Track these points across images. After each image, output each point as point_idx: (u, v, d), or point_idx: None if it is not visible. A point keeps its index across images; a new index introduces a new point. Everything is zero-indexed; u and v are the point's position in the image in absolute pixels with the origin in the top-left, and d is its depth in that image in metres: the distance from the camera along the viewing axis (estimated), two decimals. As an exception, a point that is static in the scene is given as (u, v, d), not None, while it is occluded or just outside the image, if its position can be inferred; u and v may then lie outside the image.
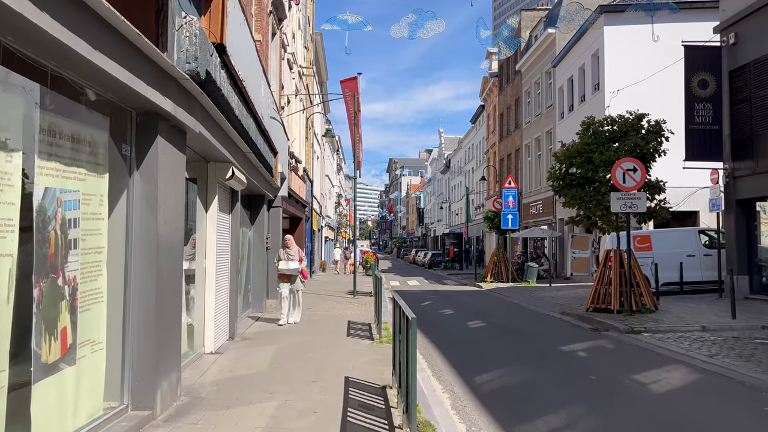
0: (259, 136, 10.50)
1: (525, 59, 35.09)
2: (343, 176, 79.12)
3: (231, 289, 9.69)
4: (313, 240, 32.08)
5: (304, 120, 26.39)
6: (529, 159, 35.22)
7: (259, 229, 13.44)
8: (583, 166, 13.30)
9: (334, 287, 23.02)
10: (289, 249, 11.48)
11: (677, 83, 20.19)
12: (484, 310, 16.20)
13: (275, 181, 13.89)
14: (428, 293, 22.54)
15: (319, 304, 16.10)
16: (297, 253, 11.50)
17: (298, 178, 23.51)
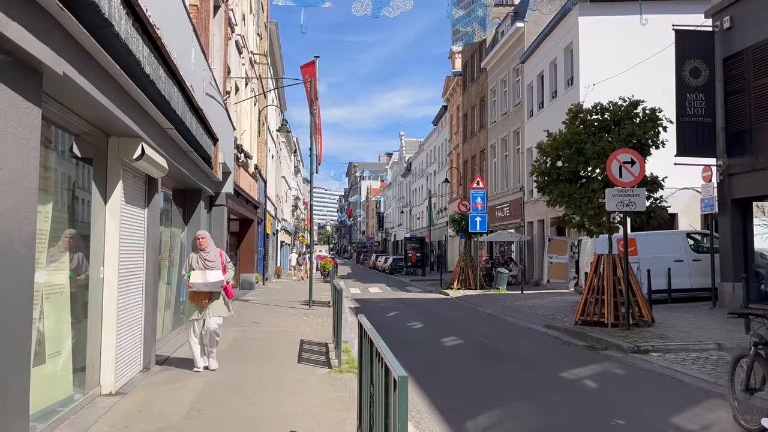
0: (188, 111, 8.38)
1: (491, 56, 33.68)
2: (301, 179, 76.68)
3: (147, 304, 7.54)
4: (266, 244, 29.79)
5: (256, 113, 24.17)
6: (495, 160, 33.77)
7: (194, 230, 11.24)
8: (572, 159, 11.61)
9: (287, 296, 20.86)
10: (205, 252, 7.71)
11: (657, 77, 18.92)
12: (458, 322, 14.35)
13: (215, 173, 11.74)
14: (392, 302, 20.61)
15: (268, 317, 13.97)
16: (218, 257, 7.77)
17: (249, 175, 21.28)
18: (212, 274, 7.65)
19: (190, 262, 7.77)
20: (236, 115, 18.68)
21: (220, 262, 7.81)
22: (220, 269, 7.77)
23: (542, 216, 25.88)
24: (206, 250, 7.74)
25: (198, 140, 9.51)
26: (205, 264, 7.66)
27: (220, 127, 12.40)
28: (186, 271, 7.80)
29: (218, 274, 7.70)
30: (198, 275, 7.63)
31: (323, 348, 9.65)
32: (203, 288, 7.62)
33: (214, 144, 11.66)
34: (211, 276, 7.65)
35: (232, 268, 8.20)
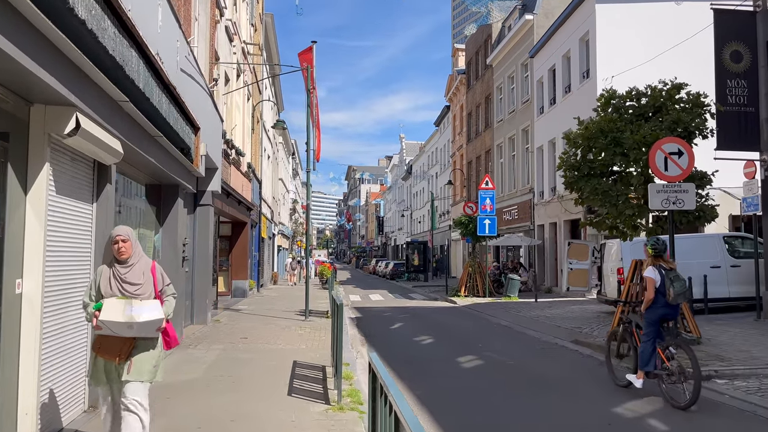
0: (155, 86, 6.83)
1: (497, 52, 32.19)
2: (299, 182, 75.12)
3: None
4: (261, 249, 28.21)
5: (249, 109, 22.63)
6: (501, 160, 32.24)
7: (170, 232, 9.70)
8: (607, 150, 10.06)
9: (282, 304, 19.28)
10: (126, 266, 4.42)
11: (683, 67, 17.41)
12: (471, 336, 12.77)
13: (196, 167, 10.19)
14: (396, 311, 19.02)
15: (259, 331, 12.39)
16: (148, 276, 4.49)
17: (241, 174, 19.72)
18: (143, 308, 4.25)
19: (97, 283, 4.38)
20: (226, 107, 17.15)
21: (152, 286, 4.46)
22: (149, 299, 4.38)
23: (555, 218, 24.33)
24: (129, 262, 4.38)
25: (171, 124, 7.96)
26: (122, 288, 4.31)
27: (203, 116, 10.86)
28: (90, 299, 4.38)
29: (154, 307, 4.33)
30: (114, 307, 4.20)
31: (320, 373, 8.08)
32: (124, 332, 4.22)
33: (194, 133, 10.11)
34: (143, 310, 4.23)
35: (173, 294, 4.72)
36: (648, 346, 7.03)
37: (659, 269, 7.04)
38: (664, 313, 7.03)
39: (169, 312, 4.61)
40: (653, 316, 7.02)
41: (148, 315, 4.27)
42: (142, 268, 4.47)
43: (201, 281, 13.10)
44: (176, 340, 4.74)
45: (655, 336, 7.02)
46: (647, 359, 6.99)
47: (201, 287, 13.09)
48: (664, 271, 7.01)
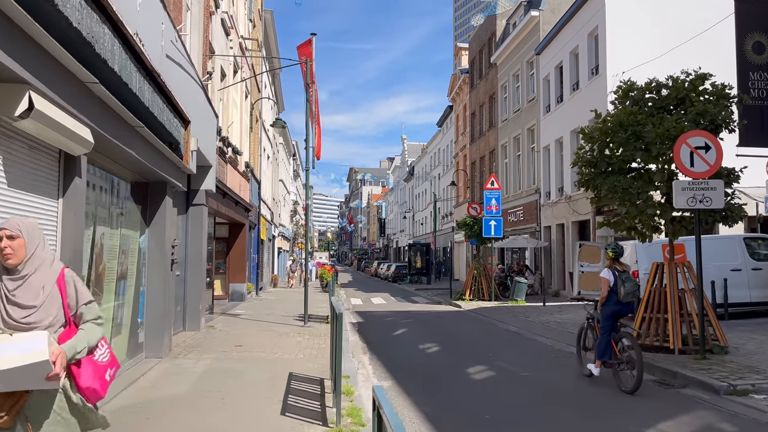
0: (134, 71, 6.17)
1: (501, 50, 31.51)
2: (300, 184, 74.47)
3: (62, 337, 5.25)
4: (261, 251, 27.53)
5: (248, 107, 21.97)
6: (506, 161, 31.54)
7: (157, 232, 9.00)
8: (627, 145, 9.34)
9: (281, 308, 18.58)
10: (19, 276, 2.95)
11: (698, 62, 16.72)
12: (480, 344, 12.06)
13: (186, 164, 9.50)
14: (398, 316, 18.31)
15: (255, 338, 11.69)
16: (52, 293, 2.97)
17: (238, 174, 19.05)
18: (5, 346, 2.71)
19: None
20: (222, 104, 16.49)
21: (59, 308, 2.99)
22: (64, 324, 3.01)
23: (562, 219, 23.61)
24: (20, 271, 2.96)
25: (155, 115, 7.28)
26: (5, 312, 2.89)
27: (194, 109, 10.19)
28: None
29: (28, 344, 2.72)
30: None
31: (318, 387, 7.37)
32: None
33: (184, 127, 9.44)
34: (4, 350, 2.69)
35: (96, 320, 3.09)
36: (604, 338, 7.89)
37: (614, 271, 7.92)
38: (617, 310, 7.87)
39: (93, 342, 3.02)
40: (607, 312, 7.88)
41: (12, 358, 2.65)
42: (41, 281, 2.95)
43: (194, 285, 12.41)
44: (101, 391, 3.07)
45: (609, 330, 7.86)
46: (603, 350, 7.87)
47: (194, 292, 12.40)
48: (617, 273, 7.88)
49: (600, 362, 7.96)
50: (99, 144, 5.96)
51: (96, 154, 6.45)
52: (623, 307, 7.88)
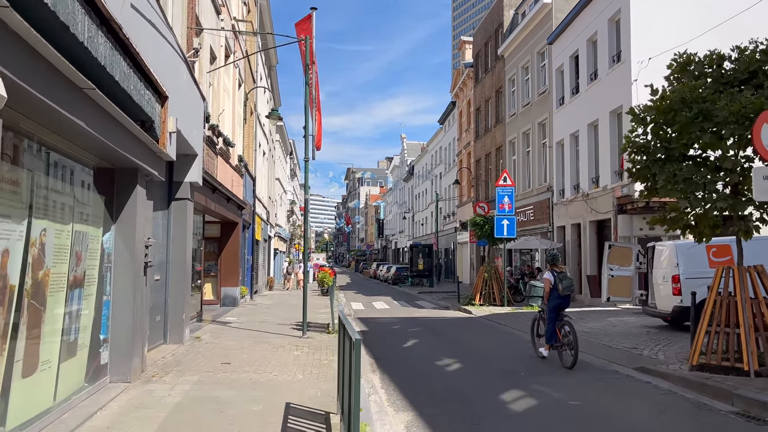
0: (84, 15, 4.61)
1: (509, 41, 29.98)
2: (297, 184, 72.83)
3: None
4: (255, 252, 25.93)
5: (241, 97, 20.39)
6: (514, 157, 30.00)
7: (126, 229, 7.41)
8: (691, 126, 7.78)
9: (277, 314, 16.99)
10: None
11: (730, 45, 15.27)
12: (505, 359, 10.50)
13: (162, 148, 7.92)
14: (405, 323, 16.74)
15: (246, 352, 10.11)
16: None
17: (230, 168, 17.46)
18: None
19: None
20: (212, 89, 14.92)
21: None
22: None
23: (578, 219, 22.07)
24: None
25: (117, 80, 5.72)
26: None
27: (174, 85, 8.62)
28: None
29: None
30: None
31: (322, 426, 5.79)
32: None
33: (160, 103, 7.86)
34: None
35: None
36: (550, 326, 9.79)
37: (553, 273, 9.88)
38: (559, 303, 9.75)
39: None
40: (552, 305, 9.79)
41: None
42: None
43: (176, 291, 10.82)
44: None
45: (554, 319, 9.74)
46: (550, 336, 9.80)
47: (176, 298, 10.81)
48: (556, 274, 9.83)
49: (548, 345, 9.91)
50: (27, 105, 4.38)
51: (29, 122, 4.88)
52: (563, 300, 9.77)
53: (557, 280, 9.73)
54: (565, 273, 9.91)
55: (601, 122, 20.36)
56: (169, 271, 10.75)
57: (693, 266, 12.04)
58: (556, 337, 9.64)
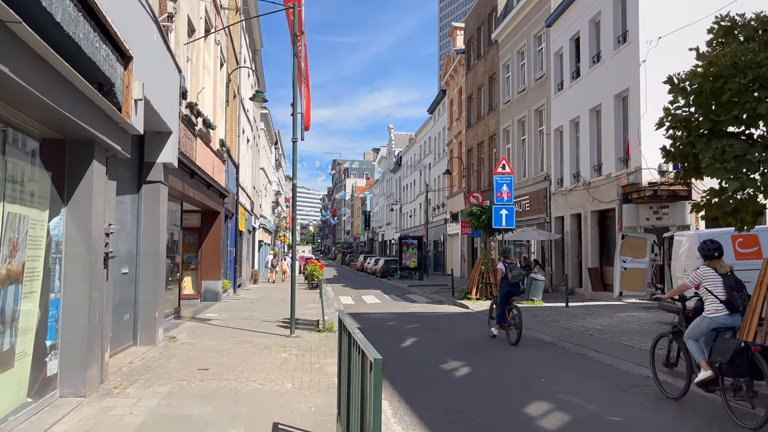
0: None
1: (504, 26, 28.86)
2: (282, 175, 71.32)
3: None
4: (239, 244, 24.65)
5: (223, 77, 19.07)
6: (508, 146, 28.94)
7: (80, 213, 6.18)
8: (744, 95, 6.70)
9: (262, 310, 15.79)
10: None
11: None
12: (519, 362, 9.42)
13: (125, 117, 6.67)
14: (401, 319, 15.63)
15: (227, 354, 8.93)
16: None
17: (211, 152, 16.18)
18: None
19: None
20: (191, 65, 13.64)
21: None
22: None
23: (579, 209, 21.07)
24: None
25: (58, 21, 4.50)
26: None
27: (141, 46, 7.38)
28: None
29: None
30: None
31: (319, 456, 4.65)
32: None
33: (123, 64, 6.61)
34: None
35: None
36: (501, 309, 11.24)
37: (504, 264, 11.43)
38: (509, 290, 11.24)
39: None
40: (503, 292, 11.27)
41: None
42: None
43: (148, 286, 9.59)
44: None
45: (504, 304, 11.15)
46: (501, 317, 11.23)
47: (148, 295, 9.58)
48: (507, 264, 11.38)
49: (498, 326, 11.37)
50: None
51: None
52: (512, 287, 11.29)
53: (508, 270, 11.32)
54: (515, 264, 11.63)
55: (604, 107, 19.33)
56: (139, 264, 9.52)
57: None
58: (506, 318, 11.11)
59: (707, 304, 6.42)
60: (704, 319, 6.38)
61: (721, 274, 6.39)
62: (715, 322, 6.28)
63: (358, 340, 3.47)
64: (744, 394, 5.69)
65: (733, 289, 6.25)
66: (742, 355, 5.71)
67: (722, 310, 6.24)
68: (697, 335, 6.42)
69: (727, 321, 6.24)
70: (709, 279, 6.40)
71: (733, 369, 5.78)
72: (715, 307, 6.28)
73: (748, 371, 5.68)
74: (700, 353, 6.33)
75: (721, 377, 5.99)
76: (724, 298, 6.22)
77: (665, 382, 7.16)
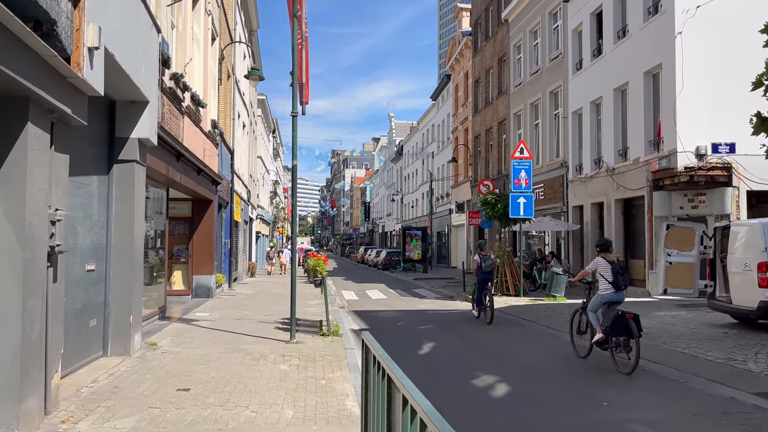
0: None
1: (515, 4, 27.19)
2: (280, 165, 69.58)
3: None
4: (234, 235, 23.09)
5: (215, 52, 17.45)
6: (519, 131, 27.35)
7: (11, 193, 4.63)
8: None
9: (259, 307, 14.26)
10: None
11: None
12: (564, 376, 7.91)
13: (76, 69, 5.10)
14: (411, 318, 14.11)
15: (215, 368, 7.39)
16: None
17: (201, 133, 14.60)
18: None
19: None
20: (177, 32, 12.04)
21: None
22: None
23: (601, 197, 19.53)
24: None
25: None
26: None
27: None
28: None
29: None
30: None
31: None
32: None
33: (72, 1, 5.01)
34: None
35: None
36: (478, 294, 13.23)
37: (480, 255, 13.41)
38: (484, 278, 13.17)
39: None
40: (480, 279, 13.22)
41: None
42: None
43: (120, 286, 8.04)
44: None
45: (481, 289, 13.14)
46: (479, 301, 13.21)
47: (120, 295, 8.04)
48: (482, 256, 13.35)
49: (478, 309, 13.14)
50: None
51: None
52: (486, 275, 13.15)
53: (482, 261, 13.25)
54: (489, 255, 13.53)
55: (632, 85, 17.74)
56: (109, 259, 7.97)
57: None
58: (482, 302, 12.98)
59: (600, 284, 8.25)
60: (598, 296, 8.25)
61: (609, 262, 8.20)
62: (605, 298, 8.14)
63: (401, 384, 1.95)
64: (623, 349, 7.68)
65: (618, 273, 8.09)
66: (619, 320, 7.65)
67: (610, 289, 8.10)
68: (594, 308, 8.26)
69: (613, 297, 8.12)
70: (601, 266, 8.21)
71: (614, 330, 7.74)
72: (605, 287, 8.13)
73: (624, 332, 7.63)
74: (596, 321, 8.17)
75: (609, 338, 7.86)
76: (612, 280, 8.06)
77: (579, 345, 8.85)
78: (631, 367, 7.40)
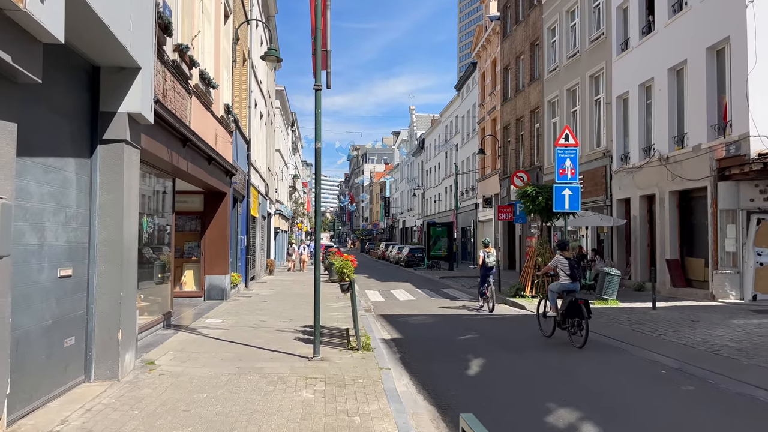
0: None
1: (550, -17, 25.33)
2: (299, 160, 68.20)
3: None
4: (251, 231, 21.66)
5: (228, 30, 15.95)
6: (554, 120, 25.52)
7: None
8: None
9: (277, 312, 12.76)
10: None
11: None
12: (659, 415, 6.26)
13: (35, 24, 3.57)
14: (448, 325, 12.50)
15: (222, 397, 5.84)
16: None
17: (213, 117, 13.12)
18: None
19: None
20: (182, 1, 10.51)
21: None
22: None
23: (651, 189, 17.70)
24: None
25: None
26: None
27: None
28: None
29: None
30: None
31: None
32: None
33: None
34: None
35: None
36: (481, 286, 14.63)
37: (484, 252, 14.47)
38: (486, 273, 14.29)
39: None
40: (482, 274, 14.46)
41: None
42: None
43: (106, 294, 6.55)
44: None
45: (483, 282, 14.48)
46: (482, 292, 14.52)
47: (106, 306, 6.55)
48: (486, 253, 14.42)
49: (483, 299, 14.64)
50: None
51: None
52: (488, 269, 14.33)
53: (485, 256, 14.34)
54: (492, 252, 14.55)
55: (690, 64, 15.88)
56: (93, 261, 6.48)
57: None
58: (484, 293, 14.45)
59: (560, 276, 10.15)
60: (558, 284, 10.18)
61: (567, 258, 10.24)
62: (564, 287, 10.04)
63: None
64: (576, 329, 9.59)
65: (574, 268, 10.15)
66: (573, 304, 9.59)
67: (567, 280, 10.04)
68: (553, 290, 10.22)
69: (569, 286, 10.01)
70: (560, 262, 10.20)
71: (569, 312, 9.69)
72: (564, 278, 10.07)
73: (577, 314, 9.52)
74: (554, 303, 10.17)
75: (566, 319, 9.76)
76: (569, 273, 10.04)
77: (543, 326, 10.60)
78: (582, 342, 9.23)
